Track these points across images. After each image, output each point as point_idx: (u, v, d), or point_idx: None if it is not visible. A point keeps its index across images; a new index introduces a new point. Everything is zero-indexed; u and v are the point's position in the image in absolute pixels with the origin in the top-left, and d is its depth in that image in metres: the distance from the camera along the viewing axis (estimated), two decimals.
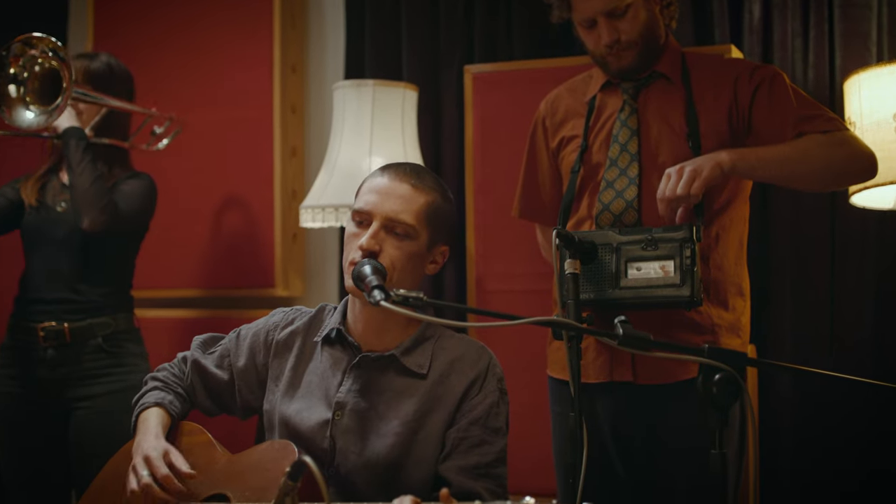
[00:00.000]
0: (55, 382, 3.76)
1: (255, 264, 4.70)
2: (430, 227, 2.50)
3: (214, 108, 4.76)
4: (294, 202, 4.73)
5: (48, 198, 3.87)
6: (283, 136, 4.72)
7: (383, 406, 2.49)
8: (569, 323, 2.50)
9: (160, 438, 2.53)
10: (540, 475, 3.53)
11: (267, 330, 2.68)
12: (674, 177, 2.92)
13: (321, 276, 4.84)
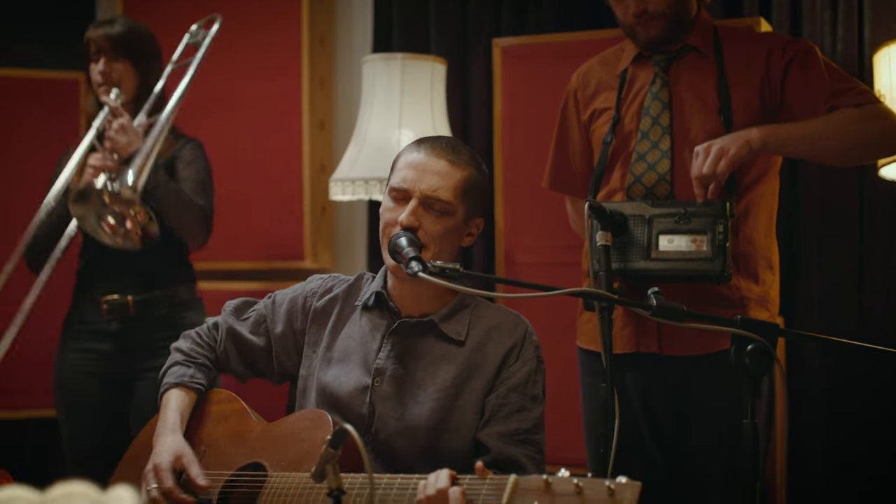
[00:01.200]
0: (119, 355, 3.77)
1: (285, 237, 4.74)
2: (466, 202, 2.52)
3: (244, 83, 4.80)
4: (323, 175, 4.76)
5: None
6: (312, 109, 4.76)
7: (421, 372, 2.52)
8: (602, 293, 2.53)
9: (176, 434, 2.54)
10: (570, 446, 3.56)
11: (304, 296, 2.70)
12: (701, 155, 2.94)
13: (350, 248, 4.88)
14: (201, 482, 2.43)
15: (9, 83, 4.85)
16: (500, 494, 2.03)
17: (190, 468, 2.45)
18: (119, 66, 3.79)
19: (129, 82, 3.82)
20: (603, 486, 1.91)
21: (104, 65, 3.78)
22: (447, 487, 2.11)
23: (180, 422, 2.57)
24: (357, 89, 4.56)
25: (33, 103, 4.86)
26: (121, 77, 3.81)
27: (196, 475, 2.44)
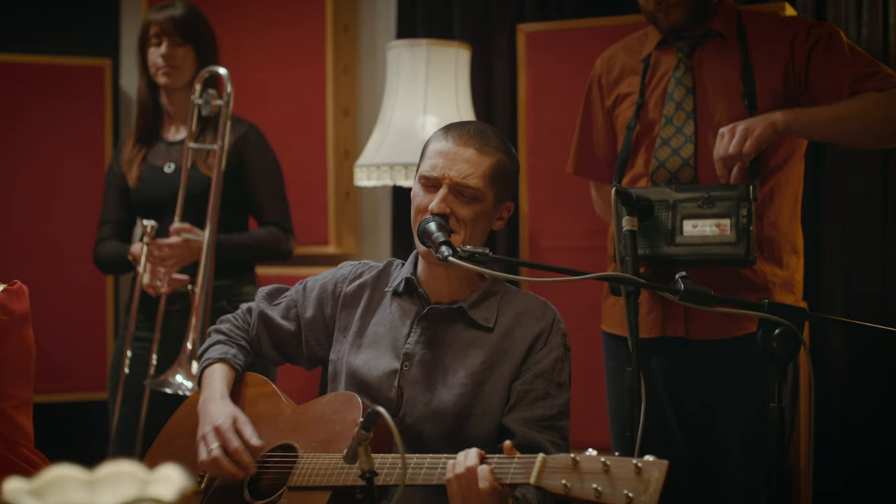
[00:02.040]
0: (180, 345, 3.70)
1: (309, 222, 4.76)
2: (495, 187, 2.54)
3: (268, 70, 4.82)
4: (347, 161, 4.78)
5: (156, 160, 3.84)
6: (336, 96, 4.78)
7: (450, 358, 2.54)
8: (629, 277, 2.55)
9: (226, 400, 2.58)
10: (593, 429, 3.58)
11: (335, 282, 2.73)
12: (727, 136, 2.95)
13: (374, 233, 4.91)
14: (255, 442, 2.47)
15: (35, 70, 4.87)
16: (529, 473, 2.06)
17: (244, 429, 2.49)
18: (181, 51, 3.80)
19: (189, 66, 3.81)
20: (630, 465, 1.93)
21: (167, 48, 3.76)
22: (476, 465, 2.14)
23: (227, 392, 2.61)
24: (381, 76, 4.58)
25: (60, 90, 4.88)
26: (182, 61, 3.80)
27: (250, 436, 2.48)
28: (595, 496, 1.94)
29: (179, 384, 3.48)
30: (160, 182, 3.81)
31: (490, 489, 2.11)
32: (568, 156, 3.57)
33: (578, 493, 1.97)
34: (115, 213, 3.90)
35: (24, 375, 2.21)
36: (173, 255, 3.62)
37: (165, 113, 3.89)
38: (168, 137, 3.88)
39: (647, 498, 1.89)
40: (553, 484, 2.01)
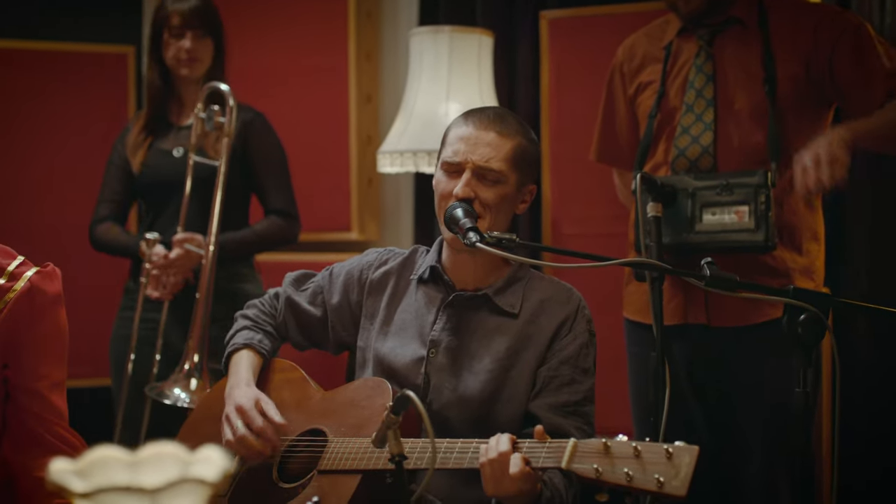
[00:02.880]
0: (176, 325, 3.78)
1: (332, 209, 4.79)
2: (517, 170, 2.55)
3: (291, 57, 4.83)
4: (369, 148, 4.80)
5: (164, 144, 3.88)
6: (359, 82, 4.80)
7: (476, 344, 2.56)
8: (655, 263, 2.56)
9: (251, 385, 2.61)
10: (613, 415, 3.59)
11: (361, 269, 2.75)
12: (811, 169, 2.86)
13: (396, 219, 4.92)
14: (278, 420, 2.50)
15: (58, 57, 4.89)
16: (560, 457, 2.07)
17: (268, 409, 2.52)
18: (203, 43, 3.83)
19: (208, 58, 3.85)
20: (661, 450, 1.95)
21: (192, 41, 3.78)
22: (509, 451, 2.16)
23: (252, 378, 2.64)
24: (403, 62, 4.59)
25: (82, 77, 4.90)
26: (204, 53, 3.84)
27: (273, 414, 2.51)
28: (626, 480, 1.96)
29: (178, 397, 3.52)
30: (168, 166, 3.84)
31: (521, 474, 2.13)
32: (590, 142, 3.57)
33: (609, 478, 1.99)
34: (115, 194, 3.94)
35: (57, 356, 2.24)
36: (175, 266, 3.69)
37: (176, 99, 3.93)
38: (177, 122, 3.92)
39: (678, 483, 1.91)
40: (584, 468, 2.03)
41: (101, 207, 3.95)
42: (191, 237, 3.68)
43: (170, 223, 3.82)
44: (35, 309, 2.17)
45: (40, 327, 2.19)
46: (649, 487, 1.93)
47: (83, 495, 1.09)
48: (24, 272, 2.20)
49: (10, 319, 2.15)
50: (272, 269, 4.34)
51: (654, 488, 1.93)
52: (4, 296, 2.16)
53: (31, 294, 2.17)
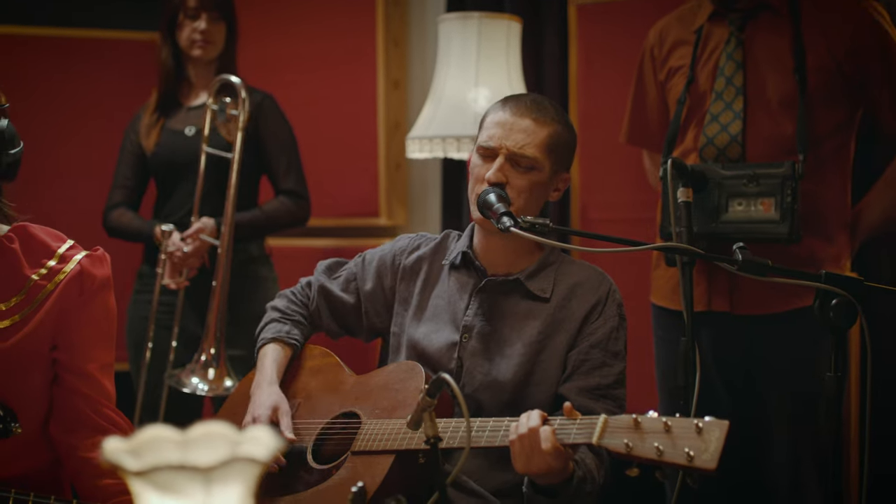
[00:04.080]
0: (191, 309, 3.84)
1: (360, 194, 4.81)
2: (552, 158, 2.56)
3: (319, 42, 4.84)
4: (397, 133, 4.82)
5: (176, 124, 3.94)
6: (387, 68, 4.81)
7: (507, 328, 2.57)
8: (686, 248, 2.56)
9: (273, 386, 2.64)
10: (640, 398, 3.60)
11: (393, 254, 2.78)
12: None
13: (423, 205, 4.94)
14: (288, 435, 2.53)
15: (87, 44, 4.91)
16: (591, 433, 2.09)
17: (282, 420, 2.56)
18: (217, 27, 3.89)
19: (221, 41, 3.92)
20: (691, 425, 1.96)
21: (207, 23, 3.85)
22: (539, 426, 2.17)
23: (277, 374, 2.67)
24: (430, 48, 4.60)
25: (111, 64, 4.92)
26: (217, 36, 3.90)
27: (285, 428, 2.54)
28: (656, 455, 1.97)
29: (196, 386, 3.58)
30: (180, 145, 3.91)
31: (553, 449, 2.15)
32: (619, 128, 3.58)
33: (640, 452, 2.00)
34: (127, 179, 4.00)
35: (106, 339, 2.28)
36: (191, 257, 3.76)
37: (187, 81, 3.98)
38: (188, 103, 3.98)
39: (708, 456, 1.92)
40: (615, 443, 2.04)
41: (115, 193, 4.01)
42: (203, 227, 3.73)
43: (182, 202, 3.89)
44: (84, 292, 2.21)
45: (89, 310, 2.22)
46: (679, 461, 1.94)
47: (138, 473, 1.11)
48: (74, 255, 2.24)
49: (60, 301, 2.19)
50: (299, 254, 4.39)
51: (685, 462, 1.94)
52: (55, 277, 2.20)
53: (80, 277, 2.21)
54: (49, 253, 2.23)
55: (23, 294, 2.19)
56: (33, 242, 2.24)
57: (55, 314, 2.19)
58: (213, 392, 3.59)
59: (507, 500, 2.49)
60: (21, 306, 2.19)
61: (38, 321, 2.18)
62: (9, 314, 2.18)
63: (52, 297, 2.19)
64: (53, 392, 2.24)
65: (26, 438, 2.19)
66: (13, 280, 2.20)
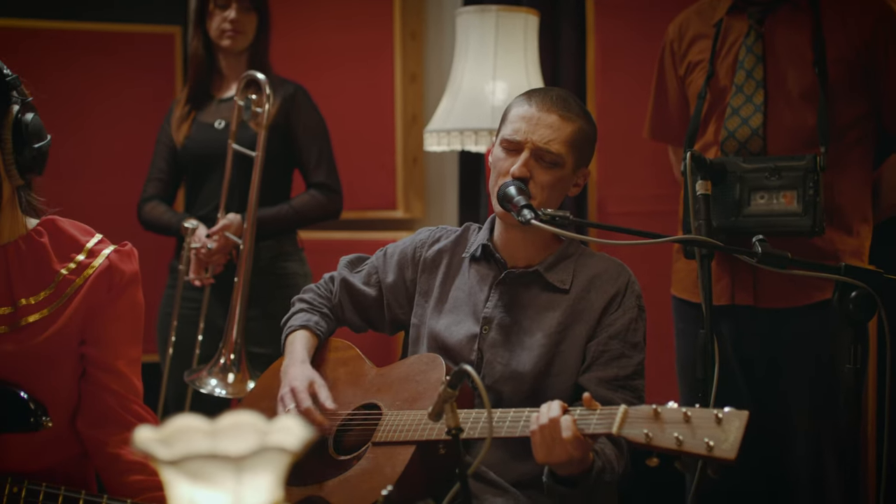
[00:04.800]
0: (217, 303, 3.83)
1: (377, 187, 4.82)
2: (575, 153, 2.58)
3: (336, 36, 4.86)
4: (414, 126, 4.83)
5: (206, 117, 3.93)
6: (404, 61, 4.82)
7: (528, 320, 2.59)
8: (706, 240, 2.57)
9: (306, 364, 2.67)
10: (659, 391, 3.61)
11: (414, 247, 2.79)
12: None
13: (440, 198, 4.95)
14: (329, 405, 2.55)
15: (106, 37, 4.94)
16: (611, 423, 2.10)
17: (320, 392, 2.58)
18: (248, 17, 3.87)
19: (251, 32, 3.89)
20: (711, 415, 1.97)
21: (237, 13, 3.83)
22: (559, 416, 2.18)
23: (307, 356, 2.69)
24: (447, 41, 4.61)
25: (129, 57, 4.94)
26: (247, 26, 3.87)
27: (325, 398, 2.56)
28: (676, 444, 1.98)
29: (213, 388, 3.57)
30: (210, 138, 3.88)
31: (573, 439, 2.16)
32: (637, 121, 3.59)
33: (660, 442, 2.01)
34: (161, 172, 3.99)
35: (134, 334, 2.29)
36: (216, 254, 3.75)
37: (218, 72, 3.97)
38: (219, 95, 3.96)
39: (728, 446, 1.93)
40: (635, 433, 2.05)
41: (149, 185, 4.00)
42: (229, 224, 3.72)
43: (211, 196, 3.88)
44: (113, 287, 2.22)
45: (118, 306, 2.23)
46: (699, 451, 1.95)
47: (170, 462, 1.12)
48: (102, 250, 2.25)
49: (89, 296, 2.20)
50: (318, 246, 4.39)
51: (704, 452, 1.95)
52: (84, 272, 2.21)
53: (109, 272, 2.22)
54: (78, 247, 2.24)
55: (52, 288, 2.21)
56: (62, 236, 2.25)
57: (84, 309, 2.20)
58: (232, 395, 3.59)
59: (527, 491, 2.51)
60: (50, 300, 2.20)
61: (67, 316, 2.20)
62: (37, 308, 2.19)
63: (81, 292, 2.21)
64: (81, 387, 2.25)
65: (56, 432, 2.21)
66: (42, 274, 2.21)
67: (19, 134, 2.11)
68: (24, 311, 2.19)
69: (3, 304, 2.19)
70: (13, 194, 2.18)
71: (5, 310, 2.19)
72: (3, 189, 2.14)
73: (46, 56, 4.78)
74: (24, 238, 2.21)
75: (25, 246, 2.21)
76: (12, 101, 2.12)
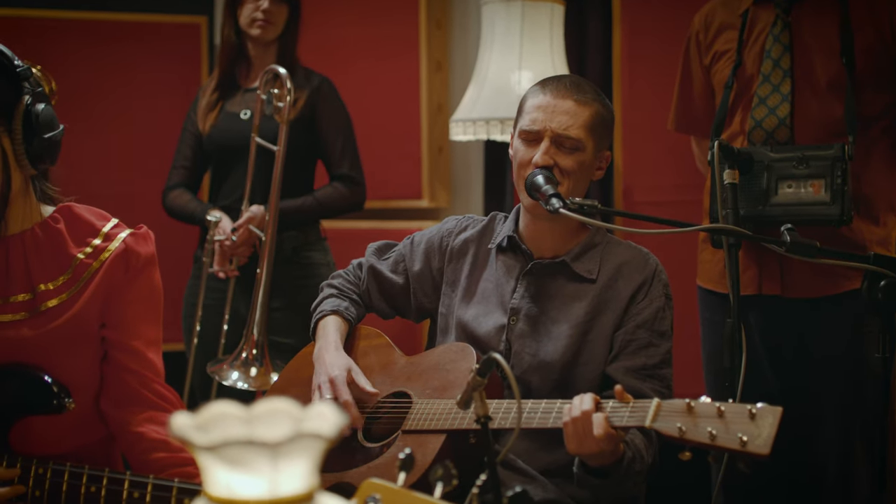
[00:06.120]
0: (241, 291, 3.85)
1: (403, 176, 4.83)
2: (594, 137, 2.58)
3: (362, 25, 4.87)
4: (440, 116, 4.83)
5: (233, 107, 3.94)
6: (429, 50, 4.82)
7: (555, 310, 2.59)
8: (734, 229, 2.57)
9: (340, 350, 2.68)
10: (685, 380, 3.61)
11: (441, 236, 2.80)
12: None
13: (466, 187, 4.96)
14: (370, 390, 2.57)
15: (132, 27, 4.96)
16: (644, 417, 2.11)
17: (358, 379, 2.59)
18: (279, 7, 3.88)
19: (281, 23, 3.91)
20: (744, 410, 1.97)
21: (269, 3, 3.83)
22: (591, 410, 2.19)
23: (341, 342, 2.71)
24: (472, 31, 4.61)
25: (156, 47, 4.96)
26: (278, 17, 3.89)
27: (364, 384, 2.58)
28: (709, 439, 1.98)
29: (235, 381, 3.58)
30: (235, 128, 3.90)
31: (605, 434, 2.17)
32: (662, 111, 3.58)
33: (693, 436, 2.02)
34: (187, 160, 4.02)
35: (152, 315, 2.31)
36: (241, 246, 3.77)
37: (246, 61, 3.98)
38: (245, 84, 3.98)
39: (762, 442, 1.93)
40: (668, 427, 2.06)
41: (174, 174, 4.03)
42: (252, 216, 3.73)
43: (235, 187, 3.90)
44: (130, 269, 2.25)
45: (135, 287, 2.26)
46: (733, 446, 1.96)
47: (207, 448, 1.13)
48: (118, 233, 2.28)
49: (107, 279, 2.23)
50: (343, 236, 4.41)
51: (738, 447, 1.95)
52: (100, 255, 2.24)
53: (125, 255, 2.25)
54: (94, 232, 2.27)
55: (69, 273, 2.23)
56: (78, 222, 2.28)
57: (102, 292, 2.23)
58: (254, 388, 3.60)
59: (555, 479, 2.52)
60: (68, 285, 2.23)
61: (85, 299, 2.22)
62: (56, 293, 2.22)
63: (98, 275, 2.23)
64: (103, 369, 2.28)
65: (79, 415, 2.23)
66: (60, 259, 2.24)
67: (30, 124, 2.13)
68: (43, 297, 2.21)
69: (22, 290, 2.22)
70: (26, 183, 2.21)
71: (25, 296, 2.22)
72: (14, 179, 2.16)
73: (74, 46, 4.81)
74: (40, 225, 2.24)
75: (42, 232, 2.24)
76: (24, 92, 2.14)
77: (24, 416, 2.20)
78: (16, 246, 2.22)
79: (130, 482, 2.12)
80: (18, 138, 2.13)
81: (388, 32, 4.85)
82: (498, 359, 1.99)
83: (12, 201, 2.18)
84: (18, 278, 2.22)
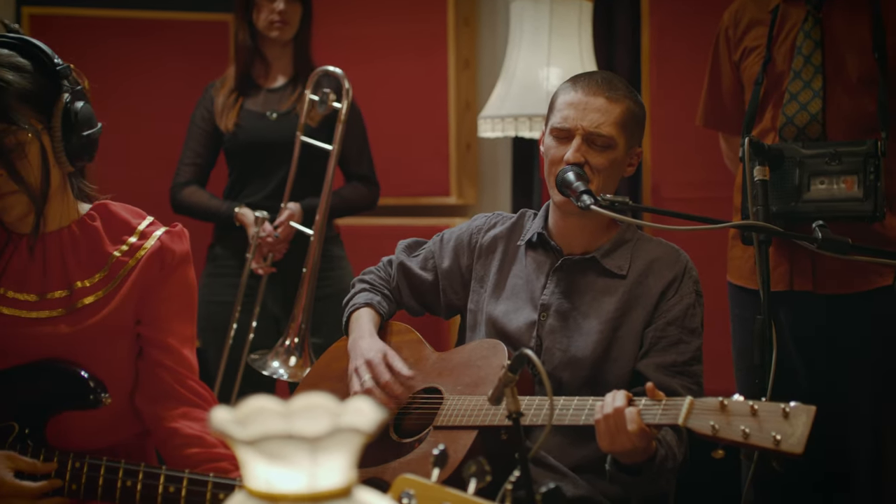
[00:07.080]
0: (267, 289, 3.87)
1: (431, 173, 4.84)
2: (626, 134, 2.58)
3: (390, 23, 4.88)
4: (468, 113, 4.84)
5: (255, 106, 3.97)
6: (457, 48, 4.83)
7: (585, 306, 2.60)
8: (765, 226, 2.56)
9: (374, 337, 2.68)
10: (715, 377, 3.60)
11: (470, 233, 2.80)
12: None
13: (494, 184, 4.96)
14: (406, 373, 2.57)
15: (158, 25, 4.98)
16: (677, 415, 2.11)
17: (394, 363, 2.59)
18: (294, 7, 3.92)
19: (297, 22, 3.95)
20: (778, 409, 1.97)
21: (285, 4, 3.87)
22: (624, 407, 2.19)
23: (374, 330, 2.71)
24: (500, 27, 4.61)
25: (183, 45, 4.98)
26: (294, 17, 3.93)
27: (401, 368, 2.58)
28: (743, 437, 1.98)
29: (276, 370, 3.62)
30: (262, 128, 3.93)
31: (638, 431, 2.17)
32: (691, 107, 3.57)
33: (726, 434, 2.02)
34: (199, 156, 4.04)
35: (186, 312, 2.34)
36: (281, 243, 3.82)
37: (262, 61, 4.00)
38: (266, 85, 4.00)
39: (795, 440, 1.93)
40: (701, 425, 2.06)
41: (184, 170, 4.05)
42: (293, 213, 3.79)
43: (260, 186, 3.93)
44: (165, 267, 2.27)
45: (170, 285, 2.28)
46: (766, 445, 1.96)
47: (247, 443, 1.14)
48: (154, 231, 2.30)
49: (142, 277, 2.25)
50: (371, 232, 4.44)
51: (772, 446, 1.95)
52: (136, 253, 2.26)
53: (161, 252, 2.27)
54: (130, 230, 2.29)
55: (105, 270, 2.26)
56: (114, 220, 2.30)
57: (137, 290, 2.25)
58: (292, 378, 3.63)
59: (586, 475, 2.52)
60: (104, 282, 2.25)
61: (121, 297, 2.24)
62: (93, 290, 2.24)
63: (134, 272, 2.26)
64: (138, 365, 2.30)
65: (115, 410, 2.25)
66: (96, 257, 2.26)
67: (69, 121, 2.15)
68: (79, 294, 2.24)
69: (59, 287, 2.25)
70: (64, 181, 2.24)
71: (62, 293, 2.24)
72: (53, 176, 2.18)
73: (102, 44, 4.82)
74: (77, 222, 2.27)
75: (79, 230, 2.26)
76: (63, 90, 2.17)
77: (61, 411, 2.22)
78: (53, 243, 2.25)
79: (166, 476, 2.14)
80: (58, 135, 2.15)
81: (416, 30, 4.86)
82: (530, 355, 1.99)
83: (51, 198, 2.21)
84: (56, 275, 2.25)
